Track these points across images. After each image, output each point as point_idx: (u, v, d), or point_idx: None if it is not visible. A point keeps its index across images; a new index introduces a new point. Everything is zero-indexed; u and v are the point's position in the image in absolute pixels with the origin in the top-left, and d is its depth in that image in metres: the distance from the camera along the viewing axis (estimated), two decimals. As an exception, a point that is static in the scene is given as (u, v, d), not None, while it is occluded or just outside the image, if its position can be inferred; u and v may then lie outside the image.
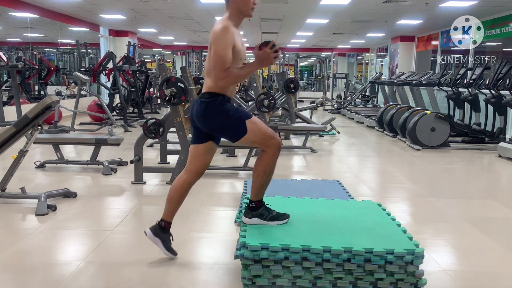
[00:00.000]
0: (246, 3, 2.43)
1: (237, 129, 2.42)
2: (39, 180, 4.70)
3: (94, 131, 8.14)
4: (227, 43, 2.30)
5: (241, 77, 2.38)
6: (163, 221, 2.62)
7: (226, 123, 2.42)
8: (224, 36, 2.31)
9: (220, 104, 2.40)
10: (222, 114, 2.41)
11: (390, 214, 2.73)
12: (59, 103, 6.75)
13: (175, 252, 2.68)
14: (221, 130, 2.48)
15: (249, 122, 2.42)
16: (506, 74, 6.79)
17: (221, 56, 2.29)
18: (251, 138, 2.44)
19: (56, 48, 15.58)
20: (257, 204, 2.53)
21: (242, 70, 2.37)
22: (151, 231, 2.62)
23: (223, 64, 2.29)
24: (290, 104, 7.49)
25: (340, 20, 11.29)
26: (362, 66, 21.31)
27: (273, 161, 2.47)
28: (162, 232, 2.61)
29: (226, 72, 2.30)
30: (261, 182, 2.49)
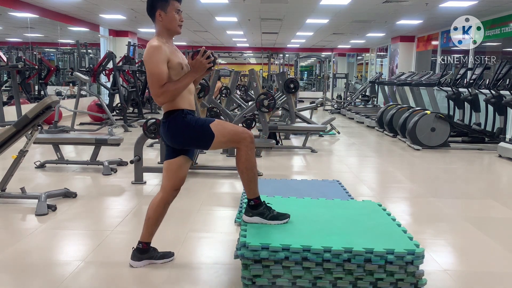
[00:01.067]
0: (171, 22, 2.43)
1: (205, 136, 2.42)
2: (39, 180, 4.70)
3: (94, 131, 8.14)
4: (158, 60, 2.31)
5: (178, 90, 2.36)
6: (141, 243, 2.57)
7: (192, 134, 2.42)
8: (154, 54, 2.32)
9: (180, 119, 2.41)
10: (186, 128, 2.41)
11: (390, 214, 2.73)
12: (59, 103, 6.75)
13: (170, 254, 2.66)
14: (191, 143, 2.48)
15: (214, 126, 2.42)
16: (506, 74, 6.79)
17: (155, 74, 2.31)
18: (221, 140, 2.43)
19: (56, 48, 15.57)
20: (256, 202, 2.52)
21: (178, 82, 2.36)
22: (135, 260, 2.57)
23: (158, 81, 2.31)
24: (290, 104, 7.49)
25: (340, 20, 11.29)
26: (362, 66, 21.30)
27: (249, 154, 2.44)
28: (145, 253, 2.58)
29: (163, 88, 2.32)
30: (247, 178, 2.47)
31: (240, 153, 2.44)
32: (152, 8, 2.43)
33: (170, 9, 2.42)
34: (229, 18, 11.38)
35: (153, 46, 2.34)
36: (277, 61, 21.08)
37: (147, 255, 2.59)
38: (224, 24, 12.55)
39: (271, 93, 6.36)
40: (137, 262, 2.57)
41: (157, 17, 2.43)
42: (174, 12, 2.44)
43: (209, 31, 14.17)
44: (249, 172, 2.46)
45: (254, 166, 2.47)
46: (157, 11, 2.41)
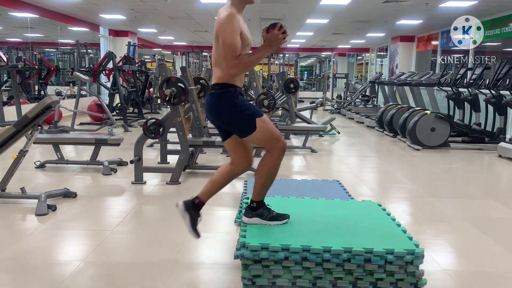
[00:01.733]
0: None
1: (247, 125, 2.37)
2: (39, 180, 4.70)
3: (94, 131, 8.15)
4: (234, 30, 2.25)
5: (252, 63, 2.31)
6: (198, 199, 2.57)
7: (236, 117, 2.37)
8: (231, 23, 2.25)
9: (231, 97, 2.36)
10: (233, 108, 2.36)
11: (390, 214, 2.73)
12: (59, 103, 6.75)
13: (199, 234, 2.60)
14: (230, 124, 2.43)
15: (259, 120, 2.38)
16: (506, 74, 6.79)
17: (231, 44, 2.24)
18: (258, 137, 2.39)
19: (56, 48, 15.58)
20: (258, 205, 2.52)
21: (253, 55, 2.30)
22: (183, 205, 2.55)
23: (233, 51, 2.24)
24: (290, 104, 7.49)
25: (340, 20, 11.29)
26: (362, 66, 21.31)
27: (277, 163, 2.43)
28: (194, 209, 2.56)
29: (238, 60, 2.25)
30: (263, 183, 2.47)
31: (270, 158, 2.43)
32: None
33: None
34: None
35: (230, 14, 2.27)
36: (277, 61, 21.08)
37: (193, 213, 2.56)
38: (224, 24, 12.52)
39: (271, 93, 6.36)
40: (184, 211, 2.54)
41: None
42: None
43: (209, 31, 14.16)
44: (269, 178, 2.46)
45: (275, 174, 2.47)
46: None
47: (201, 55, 18.46)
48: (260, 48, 2.32)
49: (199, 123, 5.32)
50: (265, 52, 2.33)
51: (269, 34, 2.29)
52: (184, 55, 19.29)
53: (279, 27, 2.27)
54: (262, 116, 2.42)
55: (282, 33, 2.28)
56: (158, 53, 20.53)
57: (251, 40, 2.43)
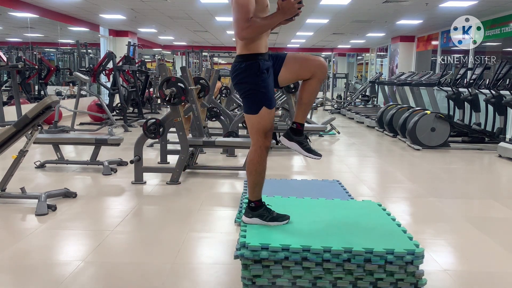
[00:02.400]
0: None
1: (253, 105, 2.36)
2: (39, 180, 4.70)
3: (94, 131, 8.14)
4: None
5: (265, 27, 2.28)
6: (295, 123, 2.55)
7: (250, 93, 2.35)
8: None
9: (255, 71, 2.31)
10: (253, 84, 2.33)
11: (390, 214, 2.72)
12: (59, 103, 6.75)
13: (319, 154, 2.57)
14: (243, 95, 2.41)
15: (265, 110, 2.36)
16: (506, 74, 6.79)
17: (243, 5, 2.21)
18: (253, 122, 2.39)
19: (56, 48, 15.57)
20: (256, 204, 2.51)
21: (265, 20, 2.27)
22: (286, 137, 2.54)
23: (246, 13, 2.21)
24: (290, 104, 7.48)
25: (340, 20, 11.29)
26: (362, 66, 21.30)
27: (260, 158, 2.42)
28: (296, 134, 2.54)
29: (249, 22, 2.22)
30: (254, 180, 2.47)
31: (254, 152, 2.43)
32: None
33: None
34: (229, 18, 11.34)
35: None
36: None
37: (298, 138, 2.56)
38: (224, 24, 12.55)
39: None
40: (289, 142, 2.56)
41: None
42: None
43: (209, 31, 14.17)
44: (257, 175, 2.46)
45: (264, 171, 2.47)
46: None
47: (201, 55, 18.45)
48: (274, 14, 2.29)
49: (199, 123, 5.32)
50: (278, 19, 2.30)
51: (285, 2, 2.26)
52: (184, 55, 19.29)
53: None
54: (271, 108, 2.40)
55: (298, 3, 2.26)
56: (158, 53, 20.53)
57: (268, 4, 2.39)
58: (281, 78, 2.49)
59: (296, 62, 2.49)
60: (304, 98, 2.52)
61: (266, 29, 2.31)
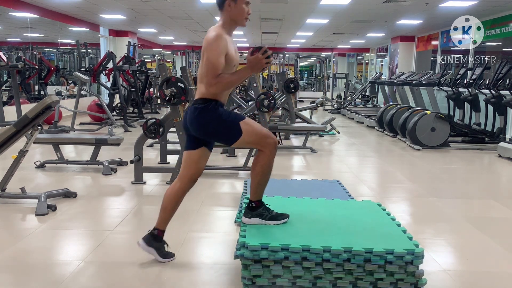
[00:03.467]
0: (240, 13, 2.43)
1: (232, 132, 2.42)
2: (39, 180, 4.70)
3: (94, 131, 8.14)
4: (220, 50, 2.32)
5: (232, 83, 2.37)
6: (156, 229, 2.60)
7: (220, 127, 2.42)
8: (217, 43, 2.32)
9: (213, 109, 2.41)
10: (216, 119, 2.41)
11: (390, 214, 2.73)
12: (59, 103, 6.75)
13: (172, 255, 2.66)
14: (216, 135, 2.48)
15: (243, 124, 2.42)
16: (506, 74, 6.79)
17: (213, 63, 2.31)
18: (246, 139, 2.44)
19: (56, 48, 15.57)
20: (256, 204, 2.53)
21: (233, 76, 2.37)
22: (144, 242, 2.59)
23: (215, 70, 2.31)
24: (290, 104, 7.49)
25: (340, 20, 11.29)
26: (362, 66, 21.30)
27: (270, 160, 2.46)
28: (156, 241, 2.59)
29: (218, 79, 2.32)
30: (259, 181, 2.49)
31: (262, 155, 2.45)
32: None
33: (240, 0, 2.40)
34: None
35: (218, 34, 2.33)
36: (277, 61, 21.07)
37: (157, 244, 2.59)
38: (224, 24, 12.52)
39: (271, 93, 6.36)
40: (145, 245, 2.58)
41: (226, 6, 2.41)
42: (244, 4, 2.42)
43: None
44: (263, 176, 2.48)
45: (270, 172, 2.49)
46: (227, 0, 2.40)
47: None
48: (242, 69, 2.39)
49: (199, 123, 5.32)
50: (246, 74, 2.39)
51: (253, 57, 2.34)
52: (184, 55, 19.29)
53: (264, 51, 2.32)
54: (244, 119, 2.46)
55: (266, 57, 2.33)
56: (158, 53, 20.52)
57: (237, 61, 2.48)
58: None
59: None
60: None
61: (234, 84, 2.40)
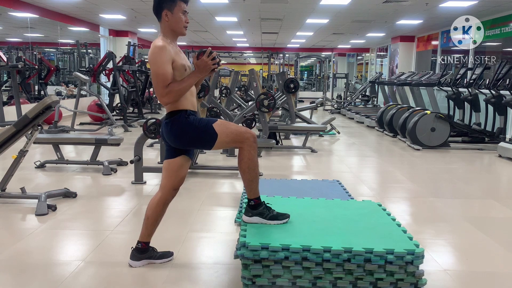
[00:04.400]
0: (177, 23, 2.43)
1: (208, 135, 2.42)
2: (39, 180, 4.70)
3: (94, 131, 8.15)
4: (163, 61, 2.32)
5: (183, 89, 2.36)
6: (140, 243, 2.59)
7: (195, 134, 2.42)
8: (160, 54, 2.32)
9: (183, 119, 2.41)
10: (189, 127, 2.41)
11: (390, 214, 2.73)
12: (59, 103, 6.75)
13: (169, 254, 2.66)
14: (194, 143, 2.49)
15: (217, 126, 2.43)
16: (506, 74, 6.79)
17: (159, 74, 2.32)
18: (224, 139, 2.43)
19: (56, 48, 15.58)
20: (256, 202, 2.52)
21: (182, 82, 2.36)
22: (134, 259, 2.58)
23: (163, 81, 2.32)
24: (290, 104, 7.49)
25: (340, 20, 11.29)
26: (362, 66, 21.30)
27: (252, 154, 2.44)
28: (143, 253, 2.58)
29: (168, 88, 2.32)
30: (249, 178, 2.47)
31: (243, 152, 2.44)
32: (158, 7, 2.42)
33: (176, 10, 2.41)
34: (229, 18, 11.38)
35: (158, 46, 2.34)
36: (277, 61, 21.07)
37: (146, 255, 2.59)
38: (224, 24, 12.55)
39: (271, 93, 6.36)
40: (136, 262, 2.58)
41: (163, 17, 2.42)
42: (181, 13, 2.43)
43: (209, 31, 14.17)
44: (251, 172, 2.46)
45: (256, 166, 2.48)
46: (164, 11, 2.41)
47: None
48: (191, 74, 2.40)
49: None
50: (195, 78, 2.38)
51: (199, 61, 2.35)
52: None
53: (208, 53, 2.34)
54: (216, 121, 2.47)
55: (212, 59, 2.34)
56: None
57: (189, 65, 2.48)
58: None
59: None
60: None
61: (185, 91, 2.38)
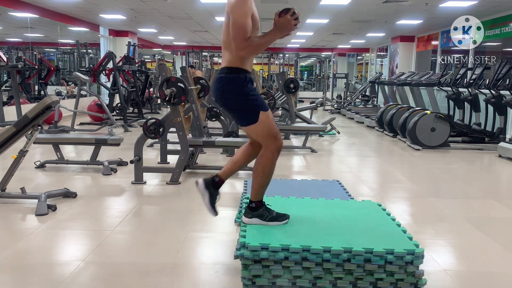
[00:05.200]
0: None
1: (250, 114, 2.37)
2: (39, 180, 4.70)
3: (94, 131, 8.14)
4: (246, 11, 2.24)
5: (262, 45, 2.30)
6: (218, 177, 2.56)
7: (242, 104, 2.37)
8: (243, 4, 2.25)
9: (241, 83, 2.35)
10: (242, 95, 2.35)
11: (390, 214, 2.73)
12: (59, 103, 6.74)
13: (217, 212, 2.61)
14: (235, 110, 2.44)
15: (263, 114, 2.38)
16: (506, 74, 6.79)
17: (241, 25, 2.23)
18: (257, 130, 2.40)
19: (56, 48, 15.58)
20: (257, 205, 2.52)
21: (263, 38, 2.30)
22: (203, 183, 2.55)
23: (244, 33, 2.24)
24: (290, 104, 7.49)
25: (340, 20, 11.29)
26: (362, 66, 21.30)
27: (272, 161, 2.45)
28: (214, 187, 2.56)
29: (248, 42, 2.25)
30: (260, 182, 2.48)
31: (264, 156, 2.43)
32: None
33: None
34: (229, 18, 11.36)
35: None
36: (277, 61, 21.07)
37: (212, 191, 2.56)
38: (224, 24, 12.53)
39: (271, 93, 6.36)
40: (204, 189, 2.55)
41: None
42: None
43: (209, 31, 14.16)
44: (265, 177, 2.46)
45: (271, 173, 2.48)
46: None
47: (201, 55, 18.45)
48: (271, 31, 2.32)
49: (199, 123, 5.33)
50: (276, 36, 2.32)
51: (282, 19, 2.28)
52: (184, 55, 19.29)
53: (292, 12, 2.28)
54: (267, 110, 2.41)
55: (294, 19, 2.28)
56: (158, 53, 20.52)
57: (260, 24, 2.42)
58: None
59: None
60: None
61: (264, 47, 2.34)
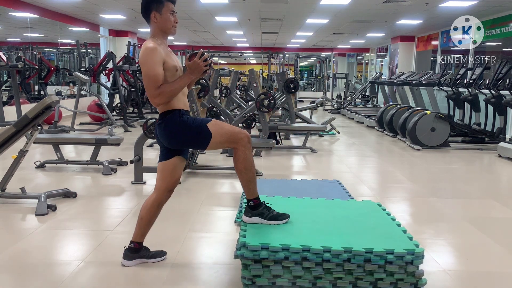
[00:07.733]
0: (166, 23, 2.43)
1: (202, 135, 2.42)
2: (39, 180, 4.70)
3: (94, 131, 8.14)
4: (155, 62, 2.32)
5: (175, 90, 2.36)
6: (133, 242, 2.59)
7: (190, 134, 2.43)
8: (150, 56, 2.32)
9: (177, 118, 2.42)
10: (183, 127, 2.42)
11: (390, 214, 2.73)
12: (59, 103, 6.74)
13: (162, 253, 2.67)
14: (188, 143, 2.50)
15: (211, 125, 2.43)
16: (506, 74, 6.79)
17: (151, 76, 2.32)
18: (218, 140, 2.44)
19: (56, 48, 15.57)
20: (255, 202, 2.52)
21: (174, 83, 2.36)
22: (126, 259, 2.58)
23: (154, 82, 2.32)
24: (290, 104, 7.49)
25: (340, 20, 11.29)
26: (362, 66, 21.30)
27: (247, 154, 2.45)
28: (136, 252, 2.59)
29: (160, 89, 2.32)
30: (246, 178, 2.48)
31: (238, 153, 2.45)
32: (146, 9, 2.43)
33: (164, 10, 2.42)
34: (229, 18, 11.38)
35: (148, 47, 2.34)
36: (277, 61, 21.08)
37: (138, 255, 2.60)
38: (224, 24, 12.54)
39: (271, 93, 6.36)
40: (128, 261, 2.58)
41: (152, 19, 2.43)
42: (169, 14, 2.43)
43: (209, 31, 14.17)
44: (247, 172, 2.46)
45: (253, 166, 2.48)
46: (152, 12, 2.42)
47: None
48: (182, 76, 2.40)
49: (199, 123, 5.32)
50: (187, 80, 2.39)
51: (191, 62, 2.35)
52: (184, 55, 19.29)
53: (200, 55, 2.34)
54: (211, 121, 2.47)
55: (203, 61, 2.34)
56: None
57: (180, 66, 2.48)
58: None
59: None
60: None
61: (177, 92, 2.38)
